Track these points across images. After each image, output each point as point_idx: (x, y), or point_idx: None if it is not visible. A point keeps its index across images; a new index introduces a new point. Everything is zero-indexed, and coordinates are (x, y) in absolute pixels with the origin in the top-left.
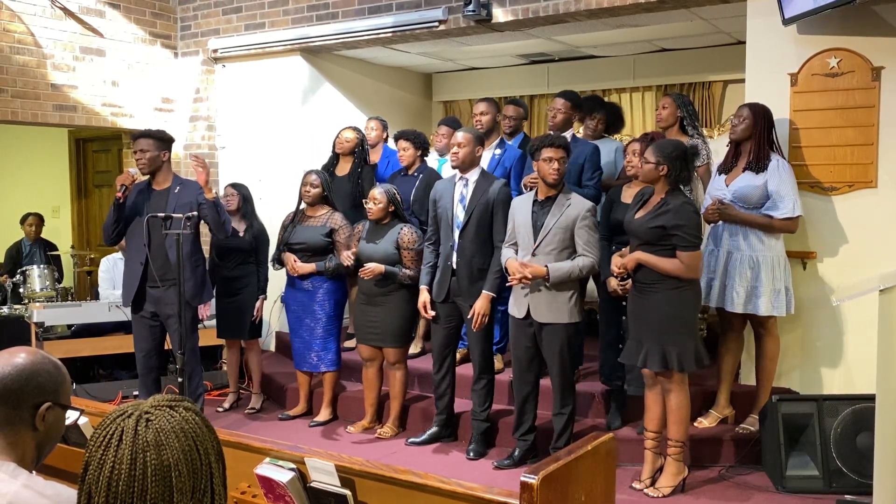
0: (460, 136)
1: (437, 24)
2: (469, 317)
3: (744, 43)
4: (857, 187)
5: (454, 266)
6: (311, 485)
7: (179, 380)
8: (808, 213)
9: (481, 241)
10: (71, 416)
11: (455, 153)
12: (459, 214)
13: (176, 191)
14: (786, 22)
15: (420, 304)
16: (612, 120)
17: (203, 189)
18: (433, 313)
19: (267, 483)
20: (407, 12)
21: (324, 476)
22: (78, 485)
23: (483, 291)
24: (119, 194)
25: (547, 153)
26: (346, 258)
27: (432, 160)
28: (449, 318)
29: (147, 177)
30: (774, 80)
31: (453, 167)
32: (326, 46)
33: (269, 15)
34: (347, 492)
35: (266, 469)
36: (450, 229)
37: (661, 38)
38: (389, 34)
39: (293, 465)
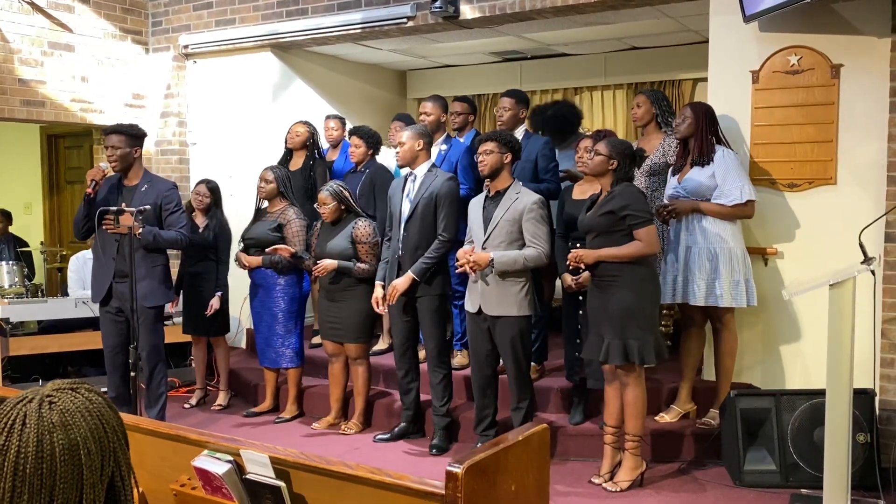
0: (404, 135)
1: (405, 20)
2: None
3: None
4: (817, 184)
5: (400, 259)
6: (247, 477)
7: (132, 374)
8: (768, 210)
9: (426, 234)
10: None
11: (397, 152)
12: (406, 208)
13: (143, 189)
14: (746, 19)
15: (373, 300)
16: (561, 126)
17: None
18: (384, 309)
19: (204, 475)
20: (375, 8)
21: (259, 468)
22: None
23: (408, 272)
24: (89, 190)
25: (479, 149)
26: (284, 250)
27: (390, 157)
28: (404, 312)
29: (118, 172)
30: (736, 77)
31: (398, 165)
32: (296, 43)
33: (240, 11)
34: (282, 483)
35: (203, 461)
36: (398, 224)
37: (631, 37)
38: (358, 30)
39: (230, 458)
